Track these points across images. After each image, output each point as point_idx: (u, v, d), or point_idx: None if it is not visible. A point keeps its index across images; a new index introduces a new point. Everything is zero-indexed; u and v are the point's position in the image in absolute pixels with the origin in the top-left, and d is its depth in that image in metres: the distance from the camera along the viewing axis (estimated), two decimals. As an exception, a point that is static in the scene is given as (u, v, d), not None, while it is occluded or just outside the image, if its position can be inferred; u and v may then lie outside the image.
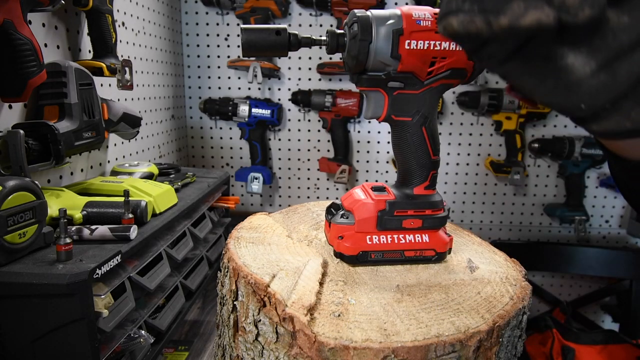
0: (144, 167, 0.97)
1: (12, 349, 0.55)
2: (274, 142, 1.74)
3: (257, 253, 0.55)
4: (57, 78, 0.77)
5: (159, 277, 0.77)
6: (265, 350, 0.44)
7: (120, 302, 0.65)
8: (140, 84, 1.29)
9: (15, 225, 0.54)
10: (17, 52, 0.65)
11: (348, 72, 0.54)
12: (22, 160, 0.65)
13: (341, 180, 1.65)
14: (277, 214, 0.71)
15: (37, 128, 0.72)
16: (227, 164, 1.76)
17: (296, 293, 0.45)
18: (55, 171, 0.88)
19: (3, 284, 0.53)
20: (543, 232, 1.80)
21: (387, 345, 0.39)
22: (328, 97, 1.61)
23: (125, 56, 1.16)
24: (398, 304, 0.46)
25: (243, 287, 0.48)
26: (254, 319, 0.46)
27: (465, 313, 0.45)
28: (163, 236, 0.80)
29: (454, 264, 0.57)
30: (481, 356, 0.42)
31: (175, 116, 1.61)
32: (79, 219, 0.68)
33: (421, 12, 0.49)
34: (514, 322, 0.45)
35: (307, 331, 0.40)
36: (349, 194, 0.58)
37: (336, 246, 0.55)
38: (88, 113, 0.81)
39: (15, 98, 0.68)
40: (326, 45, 0.52)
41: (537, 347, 1.51)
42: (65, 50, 0.90)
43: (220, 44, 1.67)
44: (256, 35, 0.50)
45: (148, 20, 1.33)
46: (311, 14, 1.63)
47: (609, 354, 1.41)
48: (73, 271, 0.54)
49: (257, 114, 1.62)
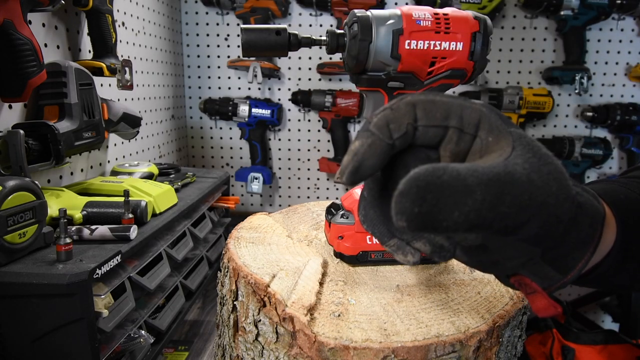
0: (144, 167, 0.97)
1: (12, 349, 0.55)
2: (274, 142, 1.74)
3: (257, 253, 0.55)
4: (57, 78, 0.77)
5: (159, 277, 0.77)
6: (265, 350, 0.44)
7: (120, 302, 0.65)
8: (140, 84, 1.28)
9: (15, 225, 0.54)
10: (17, 52, 0.65)
11: (348, 72, 0.54)
12: (22, 160, 0.65)
13: (341, 180, 1.65)
14: (277, 214, 0.71)
15: (37, 128, 0.72)
16: (227, 164, 1.76)
17: (296, 293, 0.45)
18: (55, 171, 0.88)
19: (3, 284, 0.53)
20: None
21: (387, 345, 0.39)
22: (328, 97, 1.61)
23: (125, 56, 1.16)
24: (398, 304, 0.46)
25: (243, 287, 0.48)
26: (254, 319, 0.45)
27: (465, 313, 0.45)
28: (163, 236, 0.80)
29: (454, 264, 0.57)
30: (481, 356, 0.42)
31: (175, 116, 1.61)
32: (79, 219, 0.68)
33: (421, 12, 0.49)
34: (514, 322, 0.46)
35: (307, 331, 0.40)
36: (349, 194, 0.58)
37: (336, 246, 0.55)
38: (88, 113, 0.81)
39: (15, 98, 0.68)
40: (326, 45, 0.52)
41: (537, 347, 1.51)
42: (65, 50, 0.90)
43: (220, 44, 1.67)
44: (256, 35, 0.50)
45: (148, 20, 1.33)
46: (311, 14, 1.63)
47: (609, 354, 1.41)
48: (73, 271, 0.54)
49: (257, 114, 1.62)
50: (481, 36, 0.49)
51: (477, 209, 0.25)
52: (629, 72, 1.69)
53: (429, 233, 0.30)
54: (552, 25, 1.65)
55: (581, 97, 1.69)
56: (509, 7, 1.65)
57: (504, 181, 0.26)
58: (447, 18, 0.49)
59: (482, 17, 0.50)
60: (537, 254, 0.31)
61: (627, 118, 1.63)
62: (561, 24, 1.60)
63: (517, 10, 1.66)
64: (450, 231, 0.25)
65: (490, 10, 1.55)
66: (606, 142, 1.68)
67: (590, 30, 1.65)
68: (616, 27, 1.67)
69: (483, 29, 0.49)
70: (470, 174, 0.25)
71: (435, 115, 0.30)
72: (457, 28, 0.49)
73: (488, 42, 0.50)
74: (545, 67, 1.69)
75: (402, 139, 0.30)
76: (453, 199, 0.25)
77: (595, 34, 1.67)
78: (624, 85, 1.71)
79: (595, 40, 1.67)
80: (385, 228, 0.34)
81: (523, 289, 0.33)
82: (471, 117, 0.30)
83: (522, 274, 0.33)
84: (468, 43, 0.49)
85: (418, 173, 0.25)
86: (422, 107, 0.30)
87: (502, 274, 0.35)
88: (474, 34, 0.49)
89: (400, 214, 0.25)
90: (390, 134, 0.30)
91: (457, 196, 0.25)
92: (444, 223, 0.25)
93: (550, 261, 0.32)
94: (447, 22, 0.49)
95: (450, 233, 0.29)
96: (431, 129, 0.30)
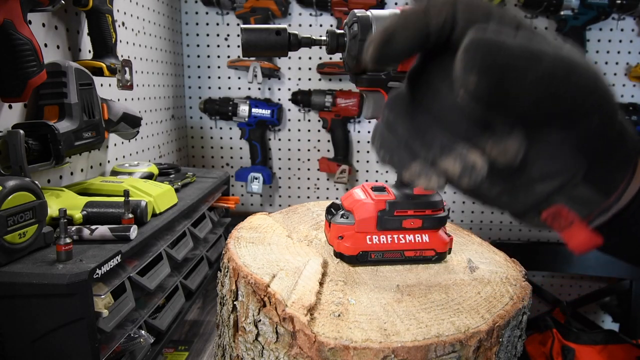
0: (144, 167, 0.97)
1: (12, 349, 0.55)
2: (274, 142, 1.74)
3: (257, 253, 0.55)
4: (57, 78, 0.77)
5: (159, 277, 0.77)
6: (265, 350, 0.44)
7: (120, 302, 0.65)
8: (140, 84, 1.28)
9: (15, 225, 0.54)
10: (17, 52, 0.65)
11: (348, 72, 0.54)
12: (22, 160, 0.65)
13: (341, 180, 1.65)
14: (277, 214, 0.71)
15: (37, 128, 0.72)
16: (227, 164, 1.76)
17: (296, 293, 0.45)
18: (55, 171, 0.88)
19: (3, 284, 0.53)
20: (543, 232, 1.80)
21: (387, 345, 0.39)
22: (328, 97, 1.61)
23: (125, 56, 1.16)
24: (398, 304, 0.46)
25: (243, 287, 0.48)
26: (254, 319, 0.46)
27: (465, 313, 0.45)
28: (163, 236, 0.80)
29: (454, 264, 0.57)
30: (481, 356, 0.42)
31: (175, 116, 1.61)
32: (79, 219, 0.68)
33: (421, 12, 0.49)
34: (514, 322, 0.45)
35: (307, 331, 0.40)
36: (349, 194, 0.58)
37: (336, 246, 0.55)
38: (88, 113, 0.81)
39: (15, 98, 0.68)
40: (326, 45, 0.52)
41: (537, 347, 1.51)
42: (65, 50, 0.90)
43: (220, 44, 1.67)
44: (256, 35, 0.50)
45: (148, 20, 1.33)
46: (311, 14, 1.63)
47: (609, 354, 1.41)
48: (73, 271, 0.54)
49: (257, 114, 1.62)
50: (481, 36, 0.49)
51: (549, 75, 0.23)
52: (629, 72, 1.69)
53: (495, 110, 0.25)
54: (552, 25, 1.65)
55: (581, 97, 1.69)
56: (509, 7, 1.65)
57: (569, 60, 0.24)
58: (447, 18, 0.49)
59: (482, 17, 0.50)
60: (583, 168, 0.28)
61: (627, 118, 1.62)
62: (561, 24, 1.60)
63: (517, 10, 1.65)
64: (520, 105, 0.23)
65: (490, 10, 1.55)
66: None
67: (590, 30, 1.65)
68: (616, 27, 1.67)
69: (483, 28, 0.49)
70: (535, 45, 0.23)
71: (475, 13, 0.27)
72: (457, 28, 0.49)
73: (488, 42, 0.50)
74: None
75: (439, 32, 0.26)
76: (524, 61, 0.22)
77: (595, 34, 1.67)
78: (624, 85, 1.71)
79: (595, 40, 1.67)
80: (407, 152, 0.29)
81: (557, 223, 0.30)
82: (511, 21, 0.27)
83: (558, 203, 0.29)
84: (468, 43, 0.49)
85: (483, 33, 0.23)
86: (462, 4, 0.27)
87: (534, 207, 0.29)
88: (474, 33, 0.49)
89: (469, 66, 0.22)
90: (428, 22, 0.26)
91: (528, 60, 0.22)
92: (515, 89, 0.22)
93: (593, 179, 0.28)
94: (447, 22, 0.48)
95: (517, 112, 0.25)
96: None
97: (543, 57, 0.23)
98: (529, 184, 0.28)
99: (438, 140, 0.28)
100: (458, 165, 0.27)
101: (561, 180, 0.28)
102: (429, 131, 0.28)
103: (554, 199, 0.29)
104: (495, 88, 0.23)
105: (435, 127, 0.28)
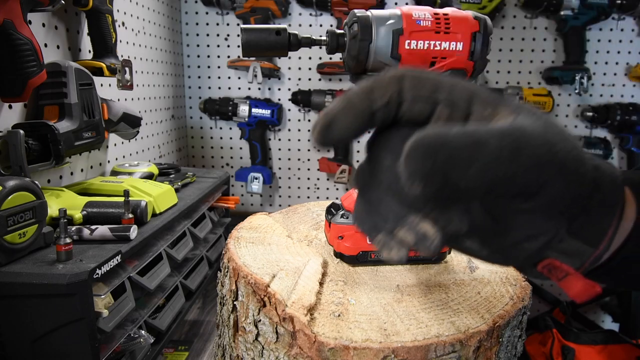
0: (144, 167, 0.97)
1: (12, 349, 0.55)
2: (274, 142, 1.74)
3: (257, 253, 0.55)
4: (57, 78, 0.77)
5: (159, 277, 0.77)
6: (265, 350, 0.44)
7: (120, 302, 0.65)
8: (140, 84, 1.28)
9: (15, 225, 0.54)
10: (17, 52, 0.65)
11: (348, 72, 0.54)
12: (22, 160, 0.65)
13: (341, 180, 1.65)
14: (277, 214, 0.71)
15: (37, 128, 0.72)
16: (227, 164, 1.76)
17: (296, 293, 0.45)
18: (55, 171, 0.88)
19: (3, 284, 0.53)
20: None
21: (387, 345, 0.39)
22: (328, 97, 1.61)
23: (125, 56, 1.16)
24: (398, 304, 0.46)
25: (243, 287, 0.48)
26: (254, 319, 0.45)
27: (465, 313, 0.45)
28: (163, 236, 0.80)
29: (454, 264, 0.57)
30: (481, 356, 0.42)
31: (175, 116, 1.61)
32: (79, 219, 0.68)
33: (421, 12, 0.49)
34: (514, 322, 0.45)
35: (307, 331, 0.40)
36: (349, 194, 0.58)
37: (336, 246, 0.55)
38: (88, 113, 0.81)
39: (15, 98, 0.68)
40: (326, 45, 0.52)
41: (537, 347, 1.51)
42: (65, 50, 0.90)
43: (220, 44, 1.67)
44: (256, 35, 0.50)
45: (148, 20, 1.33)
46: (311, 14, 1.63)
47: (609, 354, 1.41)
48: (73, 271, 0.54)
49: (257, 114, 1.62)
50: (481, 36, 0.49)
51: (495, 160, 0.23)
52: (629, 72, 1.69)
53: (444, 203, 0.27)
54: (552, 25, 1.65)
55: (581, 97, 1.69)
56: (509, 7, 1.65)
57: (517, 135, 0.24)
58: (447, 18, 0.49)
59: (482, 17, 0.50)
60: (564, 226, 0.28)
61: (627, 118, 1.63)
62: (561, 24, 1.60)
63: (517, 10, 1.66)
64: (470, 193, 0.23)
65: (490, 10, 1.55)
66: (606, 142, 1.68)
67: (590, 30, 1.65)
68: (616, 27, 1.67)
69: (483, 29, 0.49)
70: (478, 129, 0.23)
71: (423, 87, 0.27)
72: (457, 28, 0.49)
73: (488, 42, 0.50)
74: (545, 67, 1.69)
75: (384, 110, 0.27)
76: (467, 152, 0.23)
77: (595, 34, 1.67)
78: (624, 85, 1.71)
79: (595, 40, 1.67)
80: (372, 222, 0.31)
81: (554, 275, 0.30)
82: (462, 92, 0.28)
83: (550, 257, 0.30)
84: (468, 43, 0.49)
85: (423, 134, 0.23)
86: (409, 79, 0.28)
87: (527, 262, 0.31)
88: (474, 34, 0.49)
89: (412, 176, 0.23)
90: (372, 102, 0.27)
91: (470, 149, 0.23)
92: (462, 182, 0.23)
93: (578, 232, 0.29)
94: (447, 22, 0.49)
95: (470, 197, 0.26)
96: (418, 102, 0.27)
97: (487, 142, 0.23)
98: (516, 244, 0.29)
99: (392, 212, 0.29)
100: (410, 235, 0.28)
101: (544, 239, 0.28)
102: (382, 203, 0.30)
103: (544, 254, 0.29)
104: (440, 188, 0.23)
105: (389, 199, 0.29)
